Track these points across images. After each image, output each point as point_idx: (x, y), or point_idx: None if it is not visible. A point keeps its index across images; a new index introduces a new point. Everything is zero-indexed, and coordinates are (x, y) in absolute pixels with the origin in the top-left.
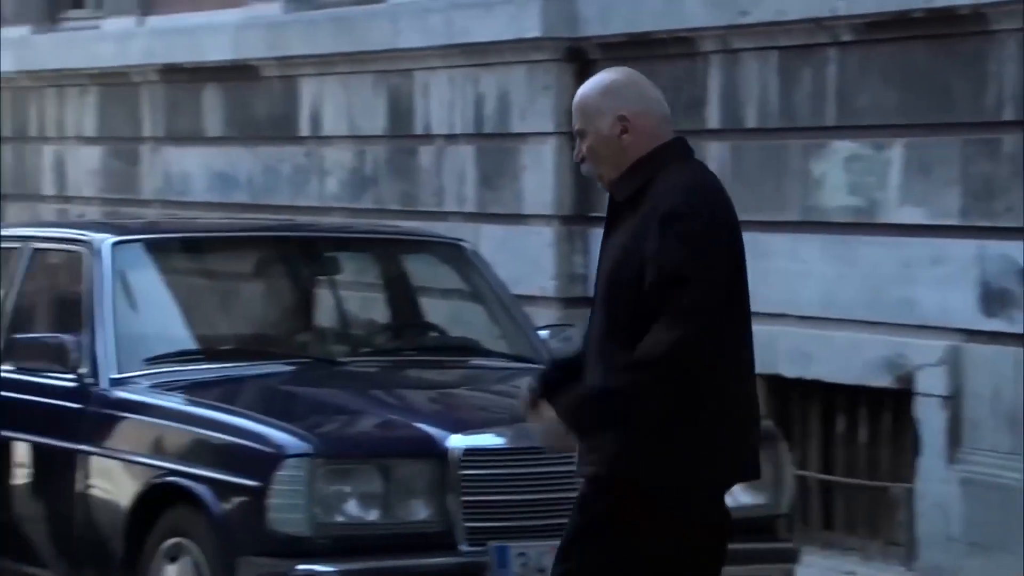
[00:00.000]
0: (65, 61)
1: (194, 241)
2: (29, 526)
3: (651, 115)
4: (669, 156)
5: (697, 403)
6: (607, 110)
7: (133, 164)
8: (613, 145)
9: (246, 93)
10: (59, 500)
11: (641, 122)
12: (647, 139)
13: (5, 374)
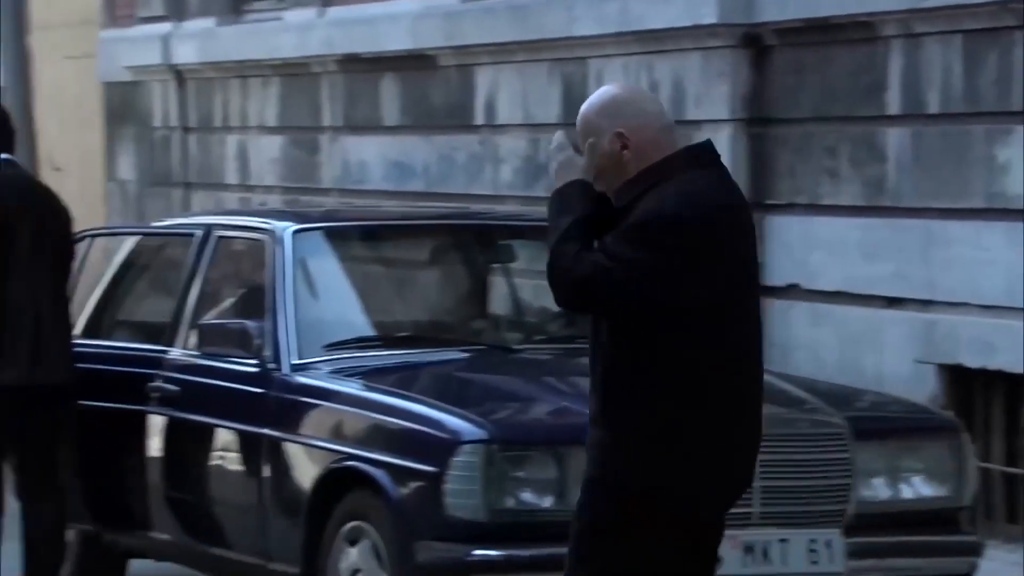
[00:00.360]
0: (248, 52)
1: (371, 229)
2: (213, 508)
3: (649, 129)
4: (672, 168)
5: (694, 412)
6: (606, 128)
7: (313, 153)
8: (615, 161)
9: (423, 82)
10: (242, 483)
11: (638, 137)
12: (648, 152)
13: (190, 358)
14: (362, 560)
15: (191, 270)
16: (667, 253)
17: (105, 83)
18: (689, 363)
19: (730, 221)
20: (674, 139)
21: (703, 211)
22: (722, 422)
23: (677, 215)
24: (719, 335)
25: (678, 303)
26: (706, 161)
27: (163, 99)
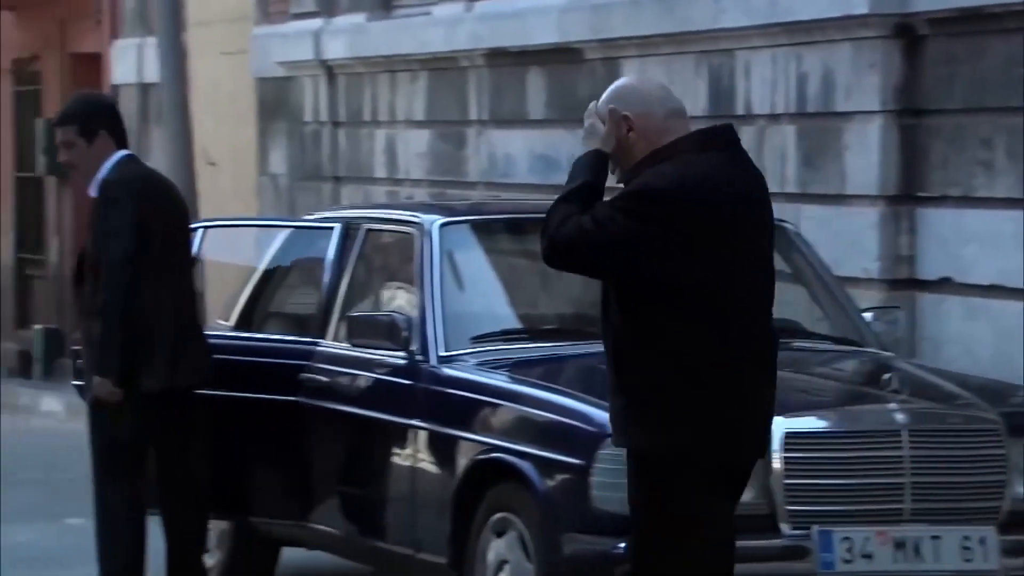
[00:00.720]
0: (397, 47)
1: (518, 222)
2: (362, 498)
3: (652, 115)
4: (679, 149)
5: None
6: (614, 112)
7: (459, 147)
8: (623, 144)
9: (569, 76)
10: (390, 474)
11: (642, 122)
12: (652, 135)
13: (339, 350)
14: (508, 551)
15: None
16: (645, 223)
17: (258, 79)
18: (687, 336)
19: (723, 202)
20: (684, 125)
21: (690, 190)
22: (723, 392)
23: (659, 189)
24: (716, 311)
25: (654, 273)
26: (720, 144)
27: (314, 94)
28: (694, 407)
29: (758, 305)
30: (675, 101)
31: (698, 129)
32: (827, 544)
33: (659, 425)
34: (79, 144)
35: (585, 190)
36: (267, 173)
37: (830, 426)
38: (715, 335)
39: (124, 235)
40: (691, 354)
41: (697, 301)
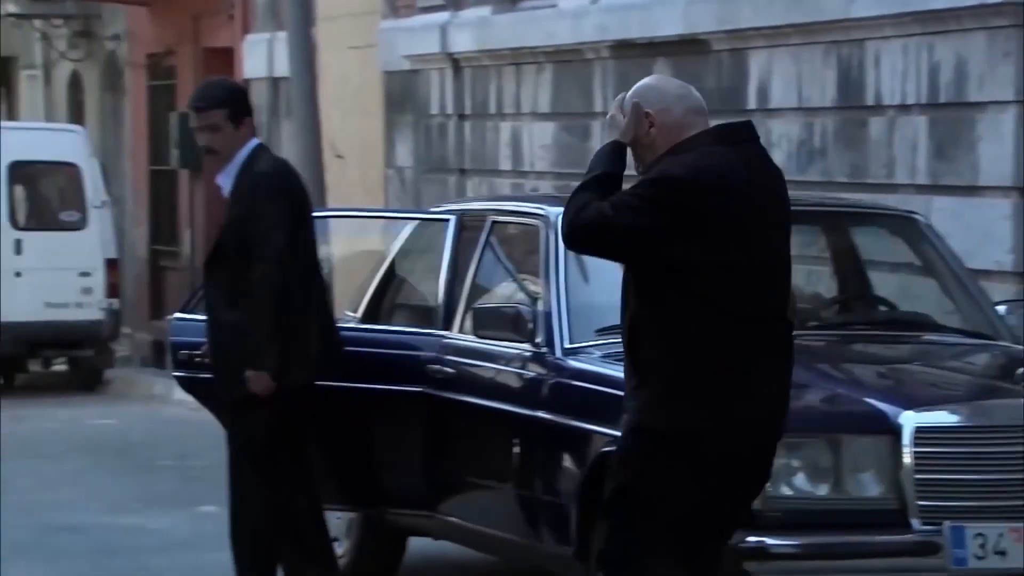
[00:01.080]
0: (523, 40)
1: None
2: (488, 488)
3: (672, 111)
4: (697, 142)
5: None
6: (637, 110)
7: (584, 139)
8: (645, 139)
9: (695, 67)
10: (515, 465)
11: (662, 118)
12: (672, 131)
13: (465, 342)
14: None
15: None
16: (661, 210)
17: (385, 72)
18: (697, 319)
19: (736, 192)
20: (703, 121)
21: (703, 179)
22: (731, 379)
23: (676, 177)
24: (727, 295)
25: (668, 258)
26: (737, 139)
27: (440, 87)
28: (701, 394)
29: (765, 296)
30: (695, 100)
31: (716, 125)
32: (959, 540)
33: (668, 408)
34: (226, 129)
35: (603, 179)
36: (393, 166)
37: (962, 421)
38: (724, 322)
39: (283, 228)
40: (701, 339)
41: (709, 288)
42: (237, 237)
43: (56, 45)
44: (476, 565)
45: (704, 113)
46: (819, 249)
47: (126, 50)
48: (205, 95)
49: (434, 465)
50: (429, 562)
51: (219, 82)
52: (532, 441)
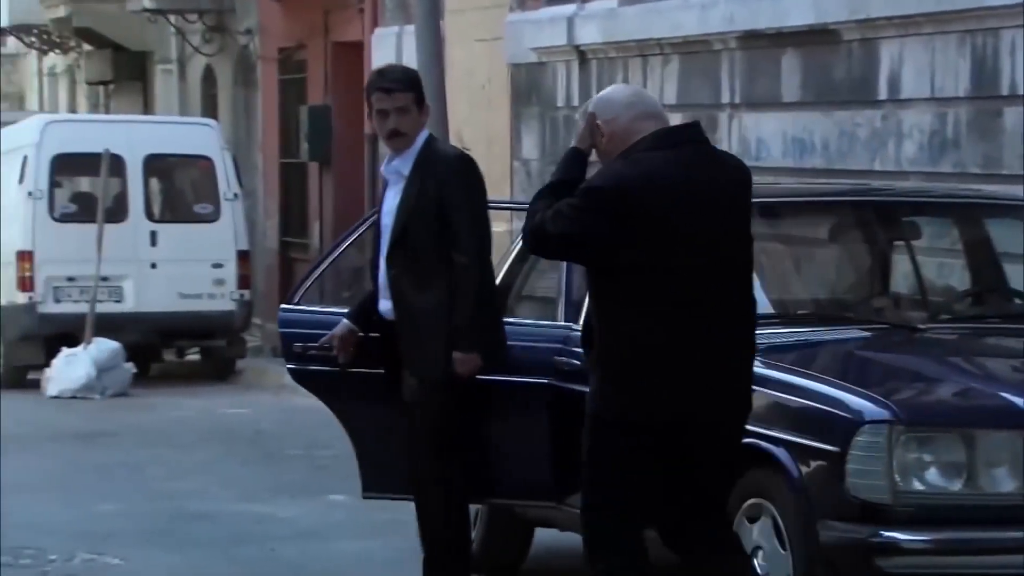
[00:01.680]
0: (649, 31)
1: (770, 206)
2: None
3: (620, 119)
4: (636, 148)
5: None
6: (591, 120)
7: (711, 131)
8: (601, 147)
9: (825, 57)
10: None
11: (611, 127)
12: (622, 137)
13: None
14: (763, 537)
15: None
16: (590, 216)
17: (512, 65)
18: (633, 315)
19: (666, 194)
20: (653, 125)
21: (625, 185)
22: (671, 363)
23: (596, 186)
24: (660, 292)
25: (599, 260)
26: (676, 141)
27: (566, 79)
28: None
29: (705, 290)
30: (644, 106)
31: (657, 130)
32: None
33: (609, 397)
34: (412, 112)
35: (557, 186)
36: (519, 158)
37: None
38: (658, 317)
39: (484, 216)
40: (636, 334)
41: (641, 284)
42: (425, 221)
43: (190, 40)
44: None
45: (655, 117)
46: (951, 241)
47: (258, 44)
48: (398, 77)
49: (560, 457)
50: (555, 553)
51: (404, 67)
52: None
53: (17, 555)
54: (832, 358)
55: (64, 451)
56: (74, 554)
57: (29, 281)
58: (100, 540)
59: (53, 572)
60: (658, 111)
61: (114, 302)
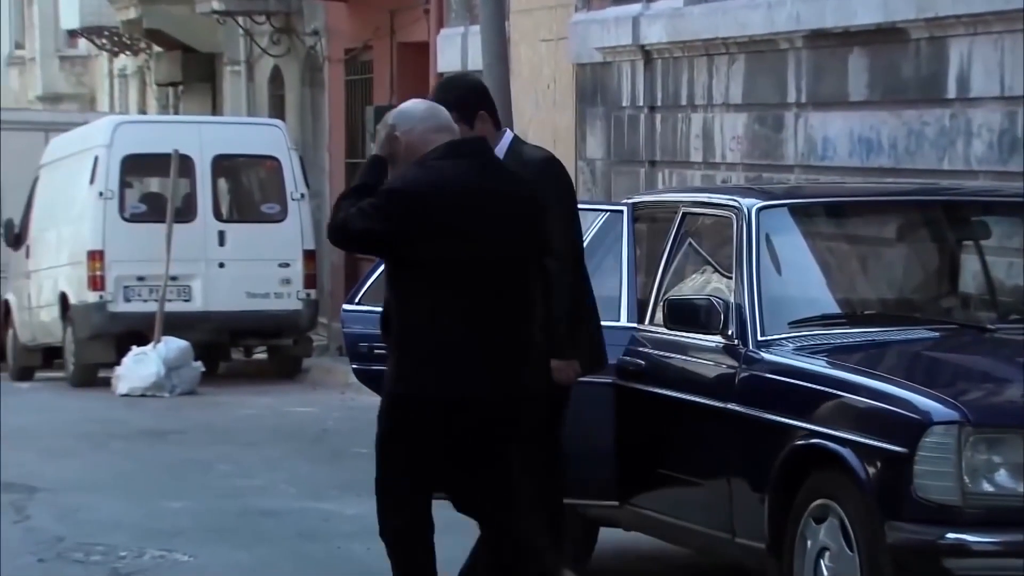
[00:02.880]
0: (715, 31)
1: (837, 206)
2: (679, 481)
3: (414, 131)
4: (427, 157)
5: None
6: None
7: (777, 130)
8: (398, 155)
9: (892, 56)
10: (707, 457)
11: (407, 137)
12: (416, 147)
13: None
14: (830, 538)
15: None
16: (383, 215)
17: (577, 64)
18: (426, 302)
19: (449, 197)
20: (444, 137)
21: (412, 188)
22: (452, 347)
23: (390, 188)
24: (448, 282)
25: (390, 255)
26: (462, 153)
27: (631, 79)
28: (424, 361)
29: (484, 280)
30: (438, 121)
31: (449, 142)
32: None
33: (395, 376)
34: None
35: (360, 188)
36: (584, 158)
37: None
38: (441, 303)
39: (577, 222)
40: (424, 318)
41: (427, 275)
42: None
43: (258, 41)
44: (667, 557)
45: (446, 130)
46: (1021, 241)
47: (325, 45)
48: (437, 98)
49: (624, 456)
50: (621, 553)
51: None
52: (723, 434)
53: (88, 551)
54: (900, 358)
55: (133, 449)
56: (144, 551)
57: (100, 280)
58: (169, 537)
59: (123, 568)
60: (449, 125)
61: (183, 301)
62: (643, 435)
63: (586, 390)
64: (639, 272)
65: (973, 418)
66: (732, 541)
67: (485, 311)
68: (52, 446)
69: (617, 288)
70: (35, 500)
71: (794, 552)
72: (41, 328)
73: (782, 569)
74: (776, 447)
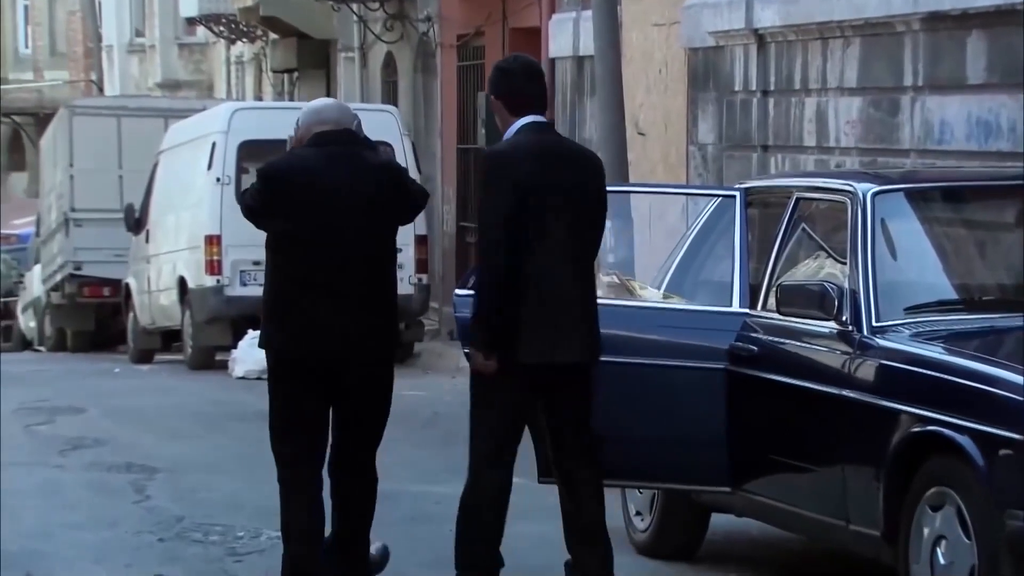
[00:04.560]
0: (830, 14)
1: (954, 190)
2: (794, 467)
3: (304, 124)
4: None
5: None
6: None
7: (893, 114)
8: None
9: (1011, 38)
10: (821, 444)
11: (301, 132)
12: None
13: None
14: (946, 526)
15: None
16: (257, 194)
17: (688, 49)
18: (285, 269)
19: (302, 181)
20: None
21: (274, 171)
22: (292, 312)
23: (261, 170)
24: (293, 255)
25: (264, 227)
26: (326, 142)
27: (743, 63)
28: (274, 325)
29: (325, 256)
30: (323, 115)
31: (320, 132)
32: None
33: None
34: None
35: None
36: (695, 142)
37: None
38: (291, 274)
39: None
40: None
41: (283, 249)
42: None
43: (372, 28)
44: (780, 543)
45: (327, 123)
46: None
47: (437, 31)
48: None
49: (736, 442)
50: (732, 539)
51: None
52: (838, 420)
53: (206, 531)
54: (1018, 345)
55: (250, 431)
56: (261, 531)
57: (217, 264)
58: None
59: (241, 548)
60: (333, 119)
61: None
62: (756, 421)
63: (698, 375)
64: (751, 258)
65: None
66: (846, 528)
67: (333, 278)
68: (171, 427)
69: (729, 273)
70: (154, 480)
71: (909, 540)
72: (160, 311)
73: (897, 557)
74: (891, 434)
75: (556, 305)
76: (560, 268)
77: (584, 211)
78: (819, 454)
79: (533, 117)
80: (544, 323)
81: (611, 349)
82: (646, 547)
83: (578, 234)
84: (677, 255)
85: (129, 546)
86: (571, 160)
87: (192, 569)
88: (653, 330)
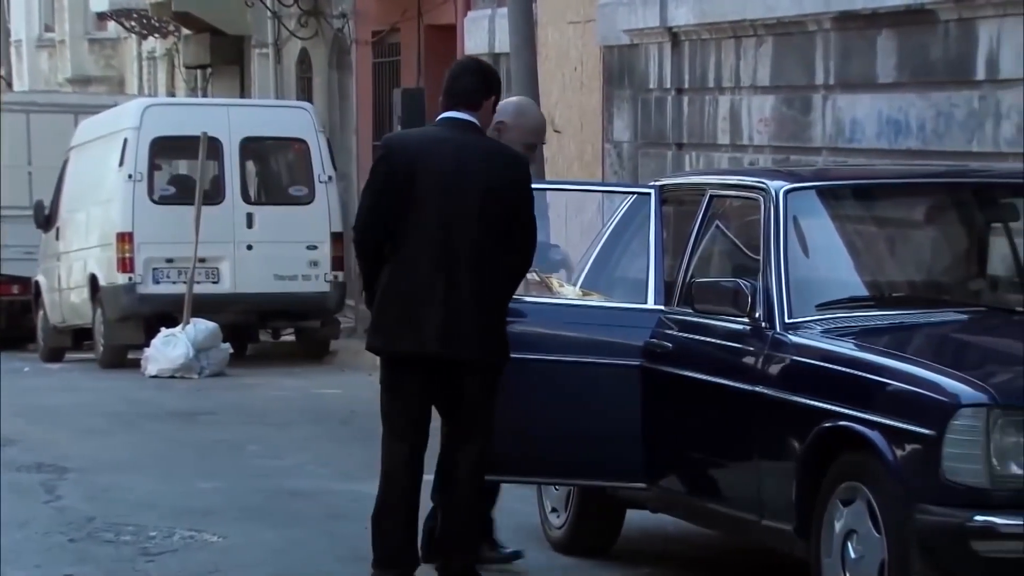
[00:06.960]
0: (744, 13)
1: (865, 188)
2: (706, 462)
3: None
4: None
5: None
6: None
7: (805, 112)
8: None
9: (921, 38)
10: (734, 439)
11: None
12: None
13: (683, 316)
14: (856, 521)
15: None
16: None
17: (604, 46)
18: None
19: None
20: None
21: None
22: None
23: None
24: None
25: None
26: None
27: (658, 61)
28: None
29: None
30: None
31: None
32: None
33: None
34: None
35: None
36: (611, 140)
37: None
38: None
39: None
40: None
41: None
42: None
43: (286, 24)
44: (695, 539)
45: None
46: None
47: (352, 28)
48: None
49: (652, 438)
50: (648, 535)
51: None
52: (751, 416)
53: (118, 531)
54: (928, 341)
55: (163, 429)
56: (173, 531)
57: (129, 262)
58: (199, 517)
59: (153, 548)
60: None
61: (211, 283)
62: (671, 417)
63: (613, 372)
64: (666, 255)
65: (1002, 400)
66: (759, 523)
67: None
68: (82, 427)
69: (644, 270)
70: (66, 480)
71: (821, 534)
72: (71, 309)
73: (809, 551)
74: (804, 429)
75: (412, 296)
76: (425, 260)
77: (481, 208)
78: (733, 450)
79: (453, 113)
80: (394, 312)
81: (527, 346)
82: (562, 544)
83: (464, 230)
84: (593, 252)
85: (39, 547)
86: (480, 157)
87: (103, 569)
88: (569, 327)
